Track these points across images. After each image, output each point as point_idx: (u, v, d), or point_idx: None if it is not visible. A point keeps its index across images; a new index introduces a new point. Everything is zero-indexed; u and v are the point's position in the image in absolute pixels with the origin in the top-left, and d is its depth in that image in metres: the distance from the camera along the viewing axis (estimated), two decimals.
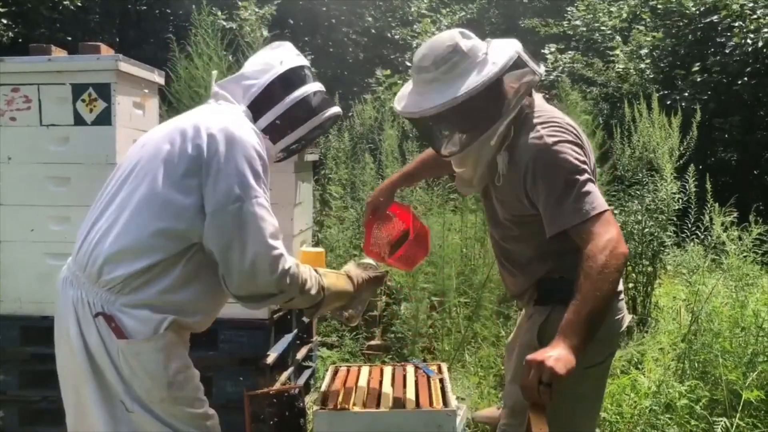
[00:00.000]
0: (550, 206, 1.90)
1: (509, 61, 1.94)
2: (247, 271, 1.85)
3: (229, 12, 8.47)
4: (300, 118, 2.06)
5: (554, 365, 1.63)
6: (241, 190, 1.83)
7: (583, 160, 1.92)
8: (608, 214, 1.87)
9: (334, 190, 6.26)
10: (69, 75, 3.19)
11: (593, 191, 1.88)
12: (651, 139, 5.14)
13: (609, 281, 1.75)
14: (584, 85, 9.36)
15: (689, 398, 3.20)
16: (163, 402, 1.87)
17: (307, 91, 2.07)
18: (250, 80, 2.05)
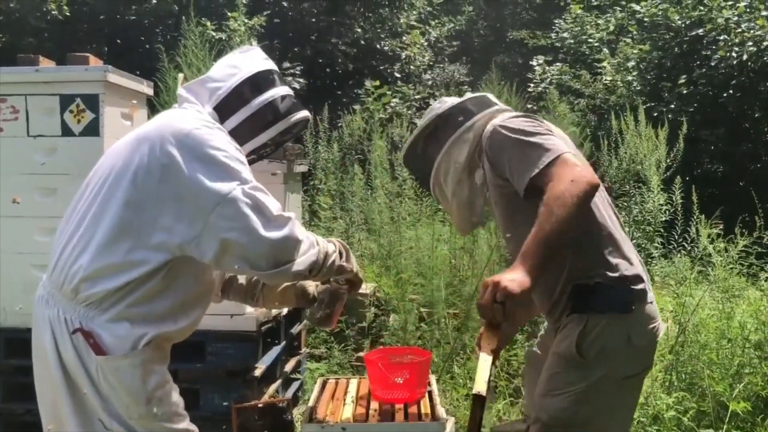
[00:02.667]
0: (513, 169, 1.94)
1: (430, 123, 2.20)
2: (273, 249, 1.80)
3: (218, 23, 8.48)
4: (267, 121, 2.02)
5: (508, 285, 1.67)
6: (226, 186, 1.77)
7: (533, 122, 1.99)
8: (567, 156, 1.88)
9: (323, 201, 6.26)
10: (57, 86, 3.18)
11: (547, 141, 1.91)
12: (638, 150, 5.19)
13: (565, 206, 1.77)
14: (572, 96, 9.43)
15: (677, 410, 3.21)
16: (142, 418, 1.85)
17: (275, 94, 2.03)
18: (217, 83, 2.00)
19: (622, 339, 1.94)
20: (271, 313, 3.38)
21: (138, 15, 10.85)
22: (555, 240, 1.76)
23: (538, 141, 1.92)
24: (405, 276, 4.97)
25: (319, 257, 1.91)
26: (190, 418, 3.21)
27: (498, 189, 2.05)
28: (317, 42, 11.05)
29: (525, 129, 1.96)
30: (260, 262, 1.80)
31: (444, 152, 2.15)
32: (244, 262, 1.80)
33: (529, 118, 2.03)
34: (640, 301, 1.97)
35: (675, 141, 5.14)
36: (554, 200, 1.77)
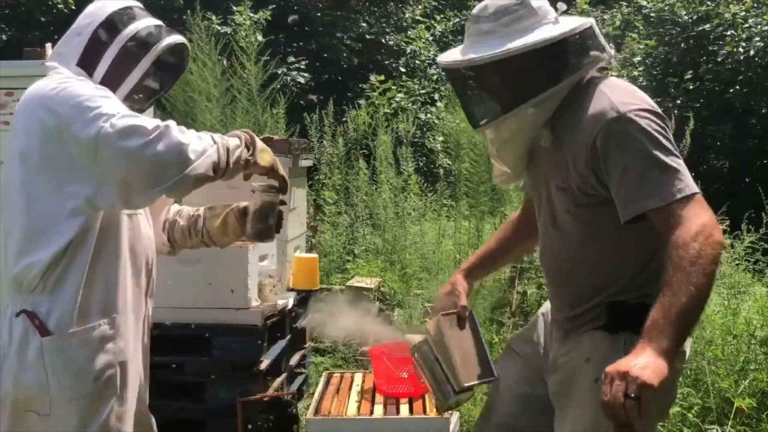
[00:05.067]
0: (626, 185, 1.58)
1: (580, 28, 1.72)
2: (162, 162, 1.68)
3: (223, 16, 8.48)
4: (134, 58, 1.87)
5: (641, 374, 1.34)
6: (93, 130, 1.67)
7: (668, 135, 1.63)
8: (700, 197, 1.56)
9: (328, 196, 6.26)
10: None
11: (683, 169, 1.58)
12: None
13: (704, 274, 1.45)
14: None
15: (681, 406, 3.20)
16: (89, 398, 1.78)
17: (137, 28, 1.88)
18: (76, 38, 1.89)
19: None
20: (277, 307, 3.39)
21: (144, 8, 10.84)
22: (693, 316, 1.47)
23: (672, 164, 1.57)
24: (410, 271, 4.97)
25: (221, 154, 1.76)
26: (195, 412, 3.24)
27: (578, 185, 1.69)
28: (322, 36, 11.03)
29: (661, 140, 1.59)
30: (158, 179, 1.69)
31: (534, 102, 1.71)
32: (146, 187, 1.71)
33: (662, 120, 1.65)
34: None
35: (681, 137, 5.11)
36: (691, 265, 1.45)
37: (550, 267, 1.90)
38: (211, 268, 3.18)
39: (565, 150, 1.71)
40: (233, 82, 5.80)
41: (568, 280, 1.83)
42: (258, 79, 5.99)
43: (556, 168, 1.75)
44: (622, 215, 1.61)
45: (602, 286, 1.73)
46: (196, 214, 2.16)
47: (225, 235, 2.14)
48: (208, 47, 5.50)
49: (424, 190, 5.64)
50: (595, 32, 1.75)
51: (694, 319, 1.50)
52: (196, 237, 2.16)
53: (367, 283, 4.84)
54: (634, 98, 1.67)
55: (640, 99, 1.67)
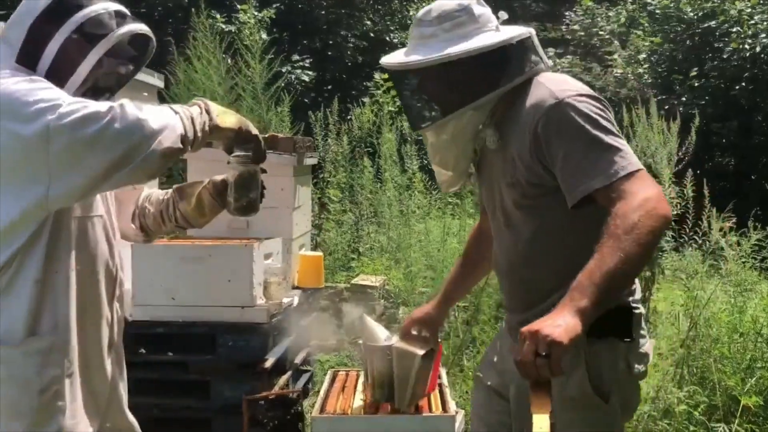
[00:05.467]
0: (570, 169, 1.59)
1: (519, 37, 1.75)
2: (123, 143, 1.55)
3: (227, 15, 8.48)
4: (82, 51, 1.66)
5: (551, 332, 1.36)
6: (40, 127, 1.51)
7: (608, 117, 1.63)
8: (644, 173, 1.56)
9: (333, 194, 6.26)
10: None
11: (623, 147, 1.58)
12: (649, 143, 5.14)
13: (639, 243, 1.44)
14: None
15: (688, 404, 3.20)
16: (34, 411, 1.65)
17: (86, 15, 1.66)
18: (16, 26, 1.68)
19: (624, 367, 1.70)
20: (282, 305, 3.39)
21: (148, 7, 10.86)
22: (619, 282, 1.47)
23: (614, 143, 1.57)
24: (414, 269, 4.97)
25: (185, 124, 1.62)
26: (201, 410, 3.24)
27: (525, 177, 1.69)
28: (327, 34, 11.03)
29: (600, 121, 1.60)
30: (123, 162, 1.54)
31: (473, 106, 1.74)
32: (111, 172, 1.56)
33: (600, 103, 1.66)
34: (638, 326, 1.74)
35: (686, 134, 5.09)
36: (626, 231, 1.44)
37: (504, 268, 1.87)
38: (216, 266, 3.18)
39: (511, 146, 1.73)
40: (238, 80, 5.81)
41: (522, 280, 1.81)
42: (262, 77, 6.00)
43: (504, 166, 1.76)
44: (569, 199, 1.60)
45: (555, 285, 1.66)
46: (166, 199, 2.03)
47: (202, 216, 2.01)
48: (213, 45, 5.50)
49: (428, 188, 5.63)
50: (534, 42, 1.79)
51: (620, 285, 1.50)
52: (170, 222, 2.03)
53: (372, 282, 4.83)
54: (571, 85, 1.70)
55: (578, 86, 1.71)
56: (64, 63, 1.65)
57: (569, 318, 1.39)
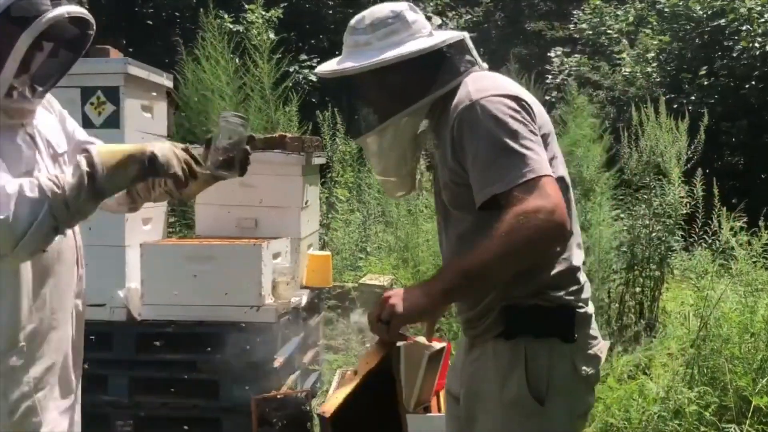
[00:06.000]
0: (476, 171, 1.58)
1: (451, 40, 1.74)
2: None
3: (235, 15, 8.49)
4: (11, 37, 1.54)
5: (395, 303, 1.52)
6: None
7: (522, 119, 1.59)
8: (547, 180, 1.53)
9: (341, 193, 6.26)
10: (78, 78, 3.17)
11: (531, 153, 1.55)
12: (658, 143, 5.12)
13: (508, 250, 1.47)
14: (591, 88, 9.35)
15: (698, 404, 3.18)
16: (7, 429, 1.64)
17: (6, 3, 1.54)
18: None
19: (568, 369, 1.64)
20: (290, 304, 3.39)
21: (156, 8, 10.89)
22: (476, 279, 1.51)
23: (519, 149, 1.55)
24: (422, 268, 4.96)
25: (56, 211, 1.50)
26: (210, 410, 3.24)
27: (453, 177, 1.68)
28: (334, 34, 11.02)
29: (510, 124, 1.57)
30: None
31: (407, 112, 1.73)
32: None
33: (516, 102, 1.61)
34: (583, 326, 1.67)
35: (696, 133, 5.07)
36: (503, 233, 1.47)
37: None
38: (224, 266, 3.19)
39: (441, 147, 1.74)
40: (246, 80, 5.81)
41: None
42: (270, 77, 6.00)
43: (441, 167, 1.76)
44: (476, 202, 1.60)
45: (512, 282, 1.63)
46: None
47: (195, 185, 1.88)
48: (221, 46, 5.50)
49: None
50: (468, 45, 1.77)
51: (475, 282, 1.52)
52: (159, 187, 1.92)
53: (380, 281, 4.83)
54: (491, 85, 1.65)
55: (498, 86, 1.65)
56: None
57: (419, 295, 1.52)
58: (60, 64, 1.71)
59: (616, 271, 4.96)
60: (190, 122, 5.50)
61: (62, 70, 1.72)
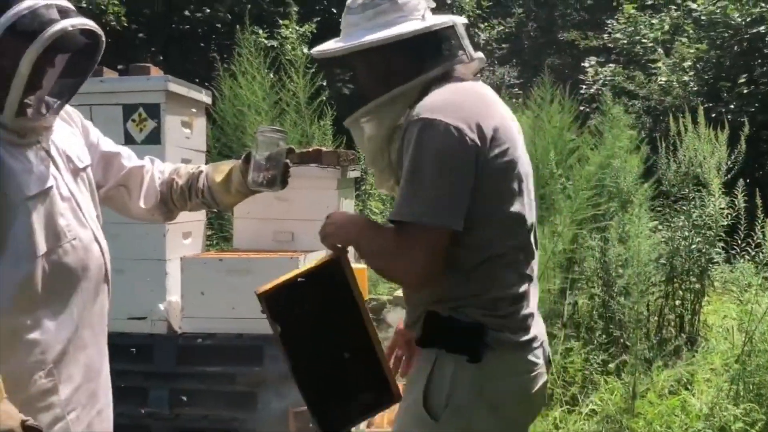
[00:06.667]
0: (400, 184, 1.58)
1: (439, 26, 1.67)
2: None
3: (270, 30, 8.60)
4: (13, 60, 1.49)
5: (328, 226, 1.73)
6: None
7: (450, 156, 1.52)
8: (423, 233, 1.51)
9: (375, 206, 6.28)
10: (119, 95, 3.27)
11: (433, 197, 1.51)
12: (697, 153, 5.04)
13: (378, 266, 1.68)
14: (626, 98, 9.24)
15: (744, 422, 3.10)
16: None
17: (10, 17, 1.48)
18: None
19: (473, 391, 1.57)
20: None
21: (192, 24, 11.10)
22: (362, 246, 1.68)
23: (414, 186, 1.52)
24: None
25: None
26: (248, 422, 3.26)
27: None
28: None
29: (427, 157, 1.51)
30: None
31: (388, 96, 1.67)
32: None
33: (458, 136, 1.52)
34: (499, 350, 1.58)
35: (736, 142, 4.97)
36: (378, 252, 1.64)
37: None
38: (261, 277, 3.18)
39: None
40: (282, 95, 5.89)
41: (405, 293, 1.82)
42: (305, 91, 6.06)
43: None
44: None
45: (423, 292, 1.65)
46: (197, 171, 1.97)
47: (227, 193, 1.95)
48: (257, 61, 5.59)
49: None
50: (458, 32, 1.69)
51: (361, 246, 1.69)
52: (195, 198, 1.96)
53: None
54: (449, 106, 1.56)
55: (455, 109, 1.56)
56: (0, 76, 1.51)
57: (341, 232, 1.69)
58: (73, 78, 1.67)
59: (655, 284, 4.88)
60: (227, 137, 5.59)
61: (76, 85, 1.69)
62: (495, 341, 1.57)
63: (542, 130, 5.61)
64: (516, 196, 1.61)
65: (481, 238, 1.57)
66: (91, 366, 1.75)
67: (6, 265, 1.54)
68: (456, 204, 1.52)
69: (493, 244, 1.58)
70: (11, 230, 1.55)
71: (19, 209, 1.57)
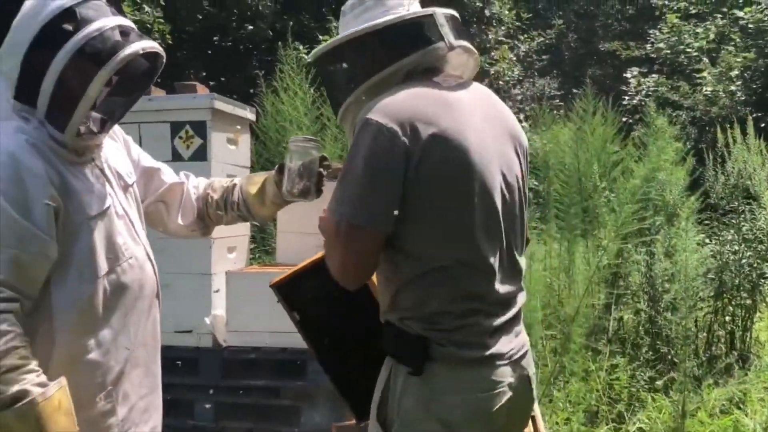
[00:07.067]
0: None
1: (415, 14, 1.63)
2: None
3: (311, 46, 8.71)
4: (85, 77, 1.51)
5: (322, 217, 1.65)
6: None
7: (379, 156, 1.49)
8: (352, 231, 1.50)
9: None
10: (167, 113, 3.35)
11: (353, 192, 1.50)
12: (747, 164, 4.92)
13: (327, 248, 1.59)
14: (670, 109, 9.08)
15: None
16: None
17: (84, 38, 1.49)
18: (10, 56, 1.55)
19: (420, 405, 1.53)
20: None
21: (234, 41, 11.31)
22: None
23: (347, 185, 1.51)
24: None
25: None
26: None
27: None
28: None
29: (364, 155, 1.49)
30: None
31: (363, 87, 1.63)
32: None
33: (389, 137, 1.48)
34: (446, 364, 1.52)
35: None
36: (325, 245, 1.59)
37: None
38: None
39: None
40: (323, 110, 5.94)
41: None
42: None
43: None
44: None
45: (380, 299, 1.64)
46: (231, 185, 1.98)
47: (262, 205, 1.95)
48: (299, 77, 5.66)
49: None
50: (437, 21, 1.62)
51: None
52: (231, 211, 1.96)
53: None
54: (389, 107, 1.52)
55: (392, 111, 1.51)
56: (65, 96, 1.52)
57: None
58: (126, 97, 1.69)
59: (703, 299, 4.76)
60: (269, 152, 5.66)
61: (129, 103, 1.70)
62: (440, 355, 1.52)
63: (585, 142, 5.54)
64: (462, 207, 1.53)
65: (420, 248, 1.53)
66: (145, 384, 1.77)
67: (69, 287, 1.57)
68: (381, 205, 1.49)
69: (432, 255, 1.53)
70: (73, 251, 1.58)
71: (82, 229, 1.60)
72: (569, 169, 5.39)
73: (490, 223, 1.56)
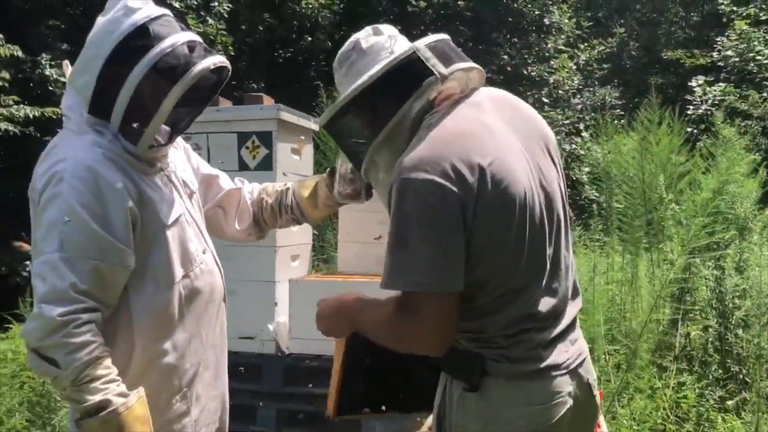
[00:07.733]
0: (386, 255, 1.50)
1: (398, 58, 1.57)
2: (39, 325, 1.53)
3: None
4: (159, 92, 1.56)
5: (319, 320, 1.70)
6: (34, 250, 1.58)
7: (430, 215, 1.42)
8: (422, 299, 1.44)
9: None
10: (235, 124, 3.42)
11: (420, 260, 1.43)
12: None
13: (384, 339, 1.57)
14: (738, 118, 8.78)
15: None
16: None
17: (157, 54, 1.55)
18: (80, 77, 1.60)
19: (478, 418, 1.53)
20: None
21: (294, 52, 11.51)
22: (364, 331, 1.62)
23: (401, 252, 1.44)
24: None
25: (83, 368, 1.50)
26: None
27: None
28: None
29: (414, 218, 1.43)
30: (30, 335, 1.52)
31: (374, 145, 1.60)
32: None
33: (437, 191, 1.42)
34: (502, 379, 1.52)
35: None
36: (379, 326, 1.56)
37: None
38: None
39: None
40: None
41: None
42: None
43: None
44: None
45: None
46: (284, 189, 2.03)
47: (315, 207, 2.00)
48: None
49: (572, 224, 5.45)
50: (422, 56, 1.57)
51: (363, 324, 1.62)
52: (285, 214, 2.01)
53: None
54: (424, 159, 1.45)
55: (429, 162, 1.44)
56: (139, 110, 1.58)
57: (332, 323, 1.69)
58: (192, 108, 1.74)
59: None
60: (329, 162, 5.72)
61: (194, 115, 1.75)
62: (495, 370, 1.52)
63: (650, 153, 5.40)
64: (516, 237, 1.50)
65: (475, 281, 1.48)
66: (215, 385, 1.84)
67: (146, 294, 1.65)
68: (454, 264, 1.44)
69: (486, 287, 1.51)
70: (150, 259, 1.66)
71: (158, 238, 1.67)
72: (633, 181, 5.26)
73: (537, 243, 1.54)
